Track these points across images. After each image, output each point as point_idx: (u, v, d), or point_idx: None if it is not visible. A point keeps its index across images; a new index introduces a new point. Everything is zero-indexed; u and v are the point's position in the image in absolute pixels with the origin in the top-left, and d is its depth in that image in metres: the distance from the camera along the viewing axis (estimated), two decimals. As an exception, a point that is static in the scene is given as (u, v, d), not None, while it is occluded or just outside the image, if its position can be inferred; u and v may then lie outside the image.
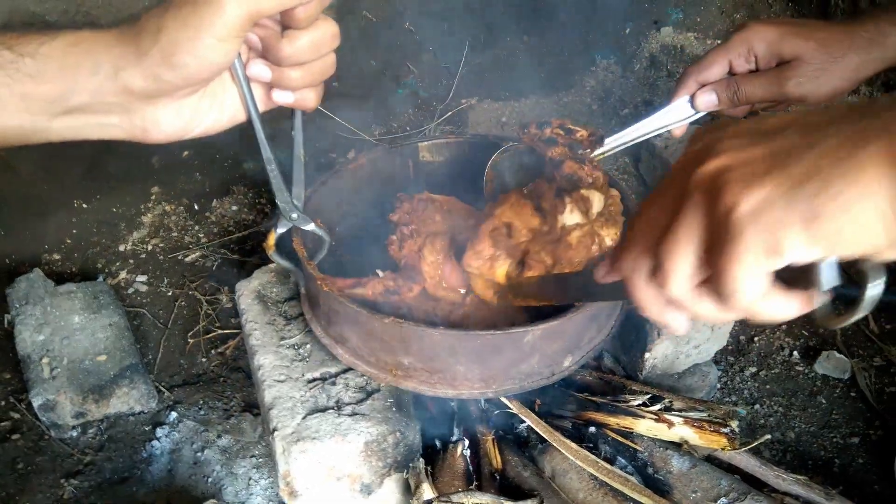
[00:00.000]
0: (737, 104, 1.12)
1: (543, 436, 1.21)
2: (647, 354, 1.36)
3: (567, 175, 1.14)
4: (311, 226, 1.07)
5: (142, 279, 1.84)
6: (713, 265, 0.54)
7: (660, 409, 1.26)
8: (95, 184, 1.94)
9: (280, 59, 0.79)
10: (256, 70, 0.81)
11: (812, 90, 1.07)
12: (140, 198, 2.01)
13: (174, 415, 1.53)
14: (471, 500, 1.10)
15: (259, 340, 1.31)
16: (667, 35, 2.41)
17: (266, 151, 0.91)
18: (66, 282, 1.67)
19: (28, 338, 1.53)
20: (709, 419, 1.24)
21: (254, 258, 1.88)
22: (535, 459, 1.24)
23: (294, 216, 1.04)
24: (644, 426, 1.25)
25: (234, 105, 0.83)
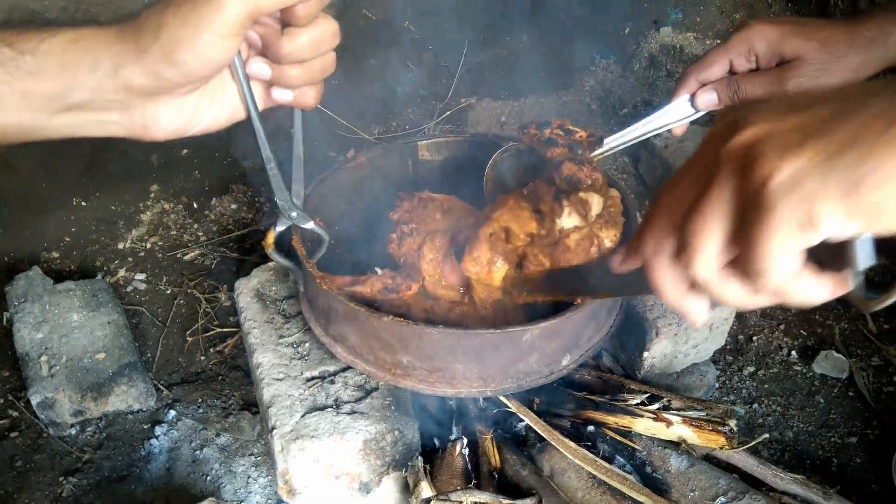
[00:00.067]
0: (737, 103, 1.12)
1: (542, 434, 1.22)
2: (646, 353, 1.36)
3: (566, 176, 1.14)
4: (311, 224, 1.07)
5: (140, 277, 1.84)
6: (743, 242, 0.51)
7: (658, 409, 1.26)
8: (94, 182, 1.94)
9: (280, 57, 0.79)
10: (256, 68, 0.81)
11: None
12: (139, 196, 2.01)
13: (173, 413, 1.53)
14: (469, 499, 1.10)
15: (258, 339, 1.31)
16: (666, 35, 2.41)
17: (265, 150, 0.91)
18: (65, 280, 1.67)
19: (27, 335, 1.53)
20: (707, 418, 1.24)
21: (253, 256, 1.88)
22: (534, 458, 1.24)
23: (293, 214, 1.04)
24: (642, 425, 1.25)
25: (234, 103, 0.83)
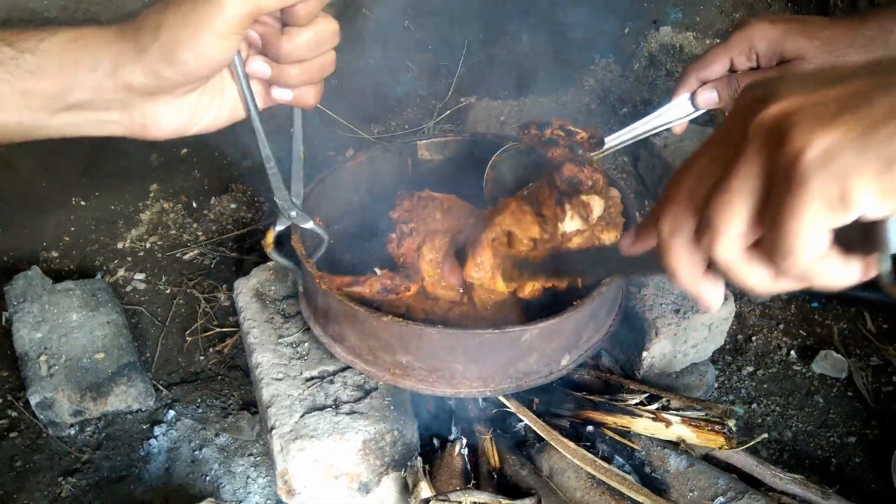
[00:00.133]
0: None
1: (541, 434, 1.22)
2: (645, 353, 1.36)
3: (567, 178, 1.14)
4: (310, 224, 1.07)
5: (140, 277, 1.84)
6: (770, 221, 0.49)
7: (657, 408, 1.26)
8: (94, 181, 1.94)
9: (280, 57, 0.79)
10: (256, 67, 0.81)
11: None
12: (138, 195, 2.01)
13: (172, 413, 1.52)
14: (469, 499, 1.10)
15: (257, 338, 1.31)
16: (666, 34, 2.41)
17: (265, 149, 0.91)
18: (64, 279, 1.67)
19: (26, 335, 1.53)
20: (706, 418, 1.24)
21: (252, 256, 1.88)
22: (533, 458, 1.24)
23: (293, 214, 1.04)
24: (642, 425, 1.25)
25: (234, 102, 0.83)
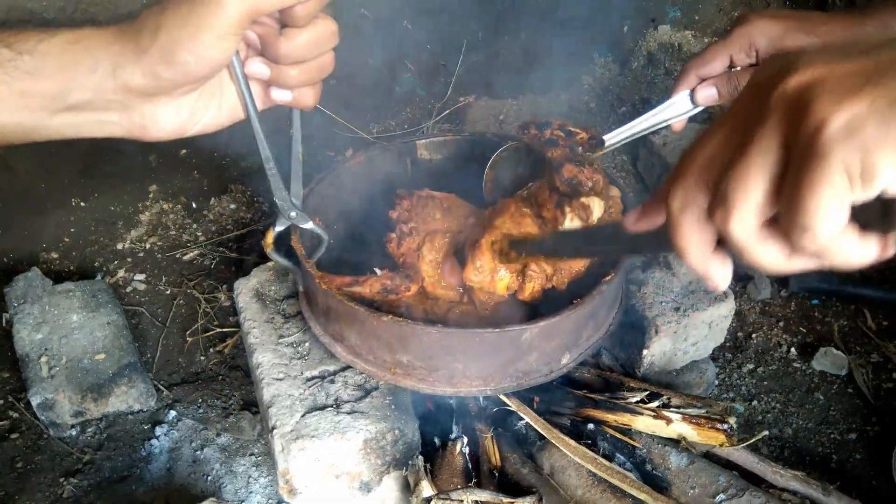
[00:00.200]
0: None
1: (542, 433, 1.22)
2: (646, 351, 1.36)
3: (567, 179, 1.14)
4: (310, 224, 1.08)
5: (140, 278, 1.84)
6: (788, 195, 0.47)
7: (658, 406, 1.26)
8: (93, 182, 1.94)
9: (278, 57, 0.79)
10: (255, 68, 0.81)
11: None
12: (138, 196, 2.01)
13: (173, 413, 1.53)
14: (470, 497, 1.10)
15: (258, 338, 1.31)
16: (664, 33, 2.41)
17: (264, 150, 0.91)
18: (65, 280, 1.67)
19: (26, 336, 1.53)
20: (707, 416, 1.24)
21: (252, 256, 1.88)
22: (534, 456, 1.25)
23: (292, 214, 1.04)
24: (642, 423, 1.25)
25: (233, 103, 0.83)
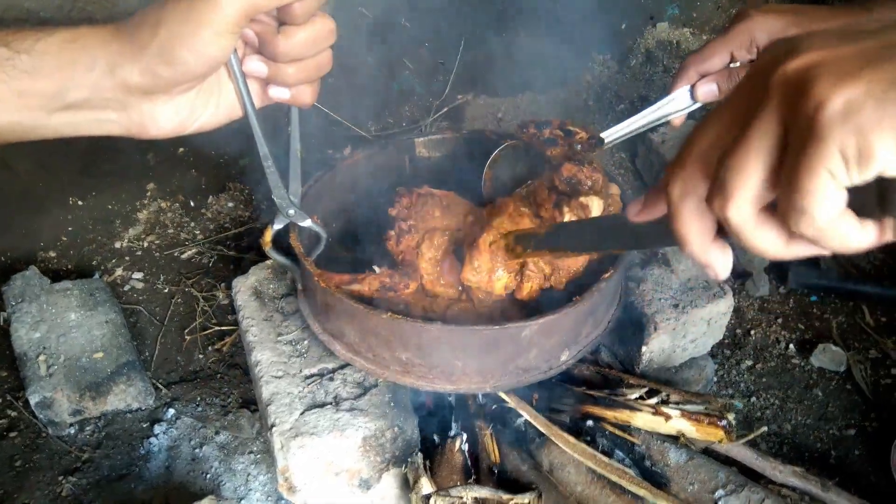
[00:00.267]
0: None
1: (541, 430, 1.22)
2: (645, 348, 1.36)
3: (566, 178, 1.14)
4: (308, 222, 1.08)
5: (138, 276, 1.84)
6: (787, 178, 0.47)
7: (657, 403, 1.26)
8: (91, 181, 1.93)
9: (276, 55, 0.79)
10: (253, 66, 0.81)
11: None
12: (135, 195, 2.01)
13: (172, 412, 1.53)
14: (469, 494, 1.10)
15: (256, 336, 1.31)
16: (662, 31, 2.41)
17: (263, 147, 0.91)
18: (62, 279, 1.67)
19: (24, 335, 1.53)
20: (706, 412, 1.24)
21: (250, 255, 1.88)
22: (533, 453, 1.25)
23: (291, 212, 1.04)
24: (641, 419, 1.25)
25: (231, 101, 0.83)
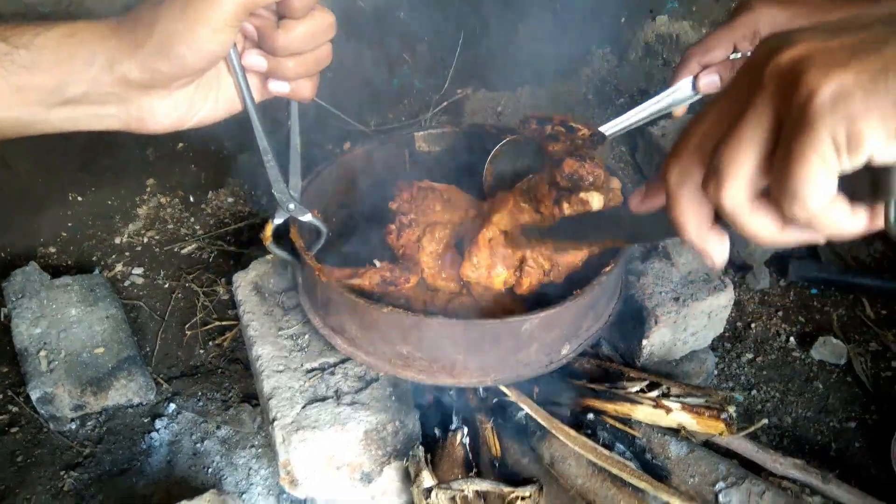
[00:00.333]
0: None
1: (542, 423, 1.22)
2: (645, 342, 1.36)
3: (568, 174, 1.13)
4: (308, 216, 1.07)
5: (138, 272, 1.84)
6: (779, 165, 0.48)
7: (658, 396, 1.26)
8: (90, 177, 1.93)
9: (276, 49, 0.78)
10: (252, 60, 0.80)
11: None
12: (135, 190, 2.00)
13: (173, 406, 1.53)
14: (470, 487, 1.11)
15: (257, 331, 1.32)
16: (662, 24, 2.40)
17: (262, 142, 0.91)
18: (62, 275, 1.67)
19: (25, 331, 1.53)
20: (706, 405, 1.24)
21: (250, 250, 1.88)
22: (534, 446, 1.25)
23: (291, 207, 1.04)
24: (642, 412, 1.26)
25: (230, 95, 0.83)
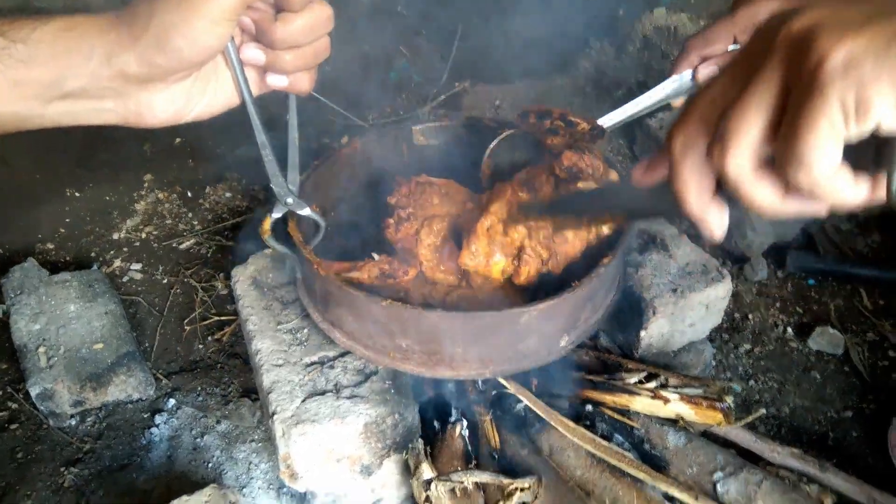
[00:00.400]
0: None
1: (541, 415, 1.22)
2: (643, 333, 1.37)
3: (567, 167, 1.14)
4: (307, 210, 1.07)
5: (136, 267, 1.84)
6: (785, 131, 0.48)
7: (656, 387, 1.27)
8: (88, 172, 1.93)
9: (274, 43, 0.78)
10: (250, 53, 0.80)
11: None
12: (133, 186, 2.00)
13: (172, 401, 1.53)
14: (470, 479, 1.11)
15: (256, 325, 1.32)
16: (660, 16, 2.40)
17: (260, 136, 0.91)
18: (61, 271, 1.67)
19: (24, 327, 1.53)
20: (704, 395, 1.25)
21: (248, 244, 1.87)
22: (533, 438, 1.25)
23: (289, 201, 1.04)
24: (640, 403, 1.26)
25: (228, 89, 0.83)
